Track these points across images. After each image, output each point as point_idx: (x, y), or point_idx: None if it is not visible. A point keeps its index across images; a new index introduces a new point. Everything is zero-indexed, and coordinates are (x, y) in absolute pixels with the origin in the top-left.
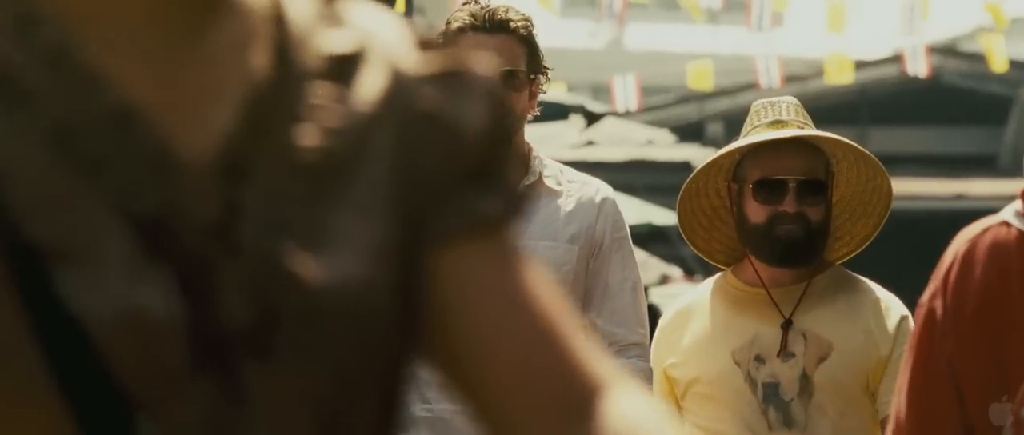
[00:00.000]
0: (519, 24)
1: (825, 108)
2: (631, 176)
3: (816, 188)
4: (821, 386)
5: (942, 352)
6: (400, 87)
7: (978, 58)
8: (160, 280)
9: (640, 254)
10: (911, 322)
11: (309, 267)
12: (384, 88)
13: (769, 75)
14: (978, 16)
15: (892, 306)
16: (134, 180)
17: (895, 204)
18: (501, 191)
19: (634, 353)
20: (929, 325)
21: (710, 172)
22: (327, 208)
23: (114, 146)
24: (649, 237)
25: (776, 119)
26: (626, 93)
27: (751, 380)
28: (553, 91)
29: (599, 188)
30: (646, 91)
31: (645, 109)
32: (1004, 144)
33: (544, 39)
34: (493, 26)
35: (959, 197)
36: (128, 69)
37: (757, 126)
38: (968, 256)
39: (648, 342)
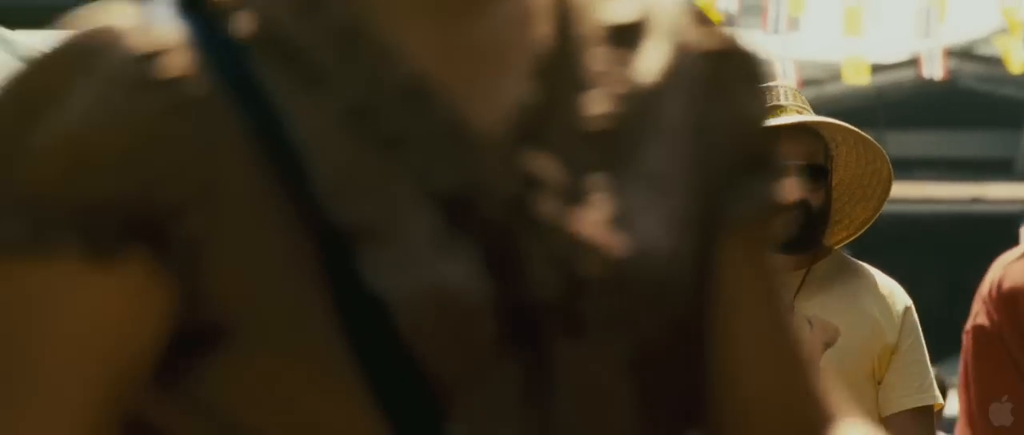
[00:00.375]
0: None
1: (842, 111)
2: None
3: (816, 173)
4: (825, 372)
5: (1006, 365)
6: (684, 60)
7: (995, 61)
8: (466, 256)
9: None
10: (914, 314)
11: (613, 237)
12: (668, 59)
13: (785, 78)
14: (995, 19)
15: (895, 293)
16: (433, 156)
17: (911, 207)
18: (777, 180)
19: None
20: (984, 344)
21: None
22: (624, 178)
23: (411, 122)
24: None
25: (774, 104)
26: None
27: None
28: None
29: None
30: None
31: None
32: (1021, 148)
33: None
34: None
35: (976, 201)
36: (417, 43)
37: None
38: (1007, 281)
39: None
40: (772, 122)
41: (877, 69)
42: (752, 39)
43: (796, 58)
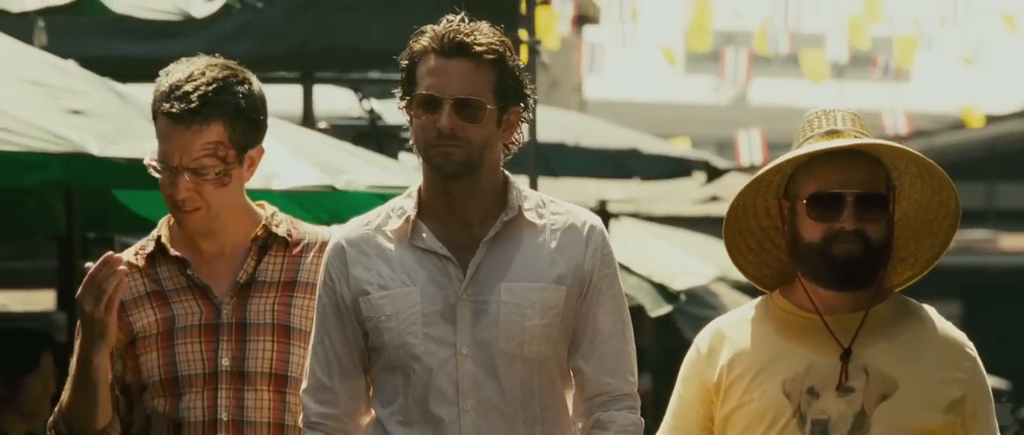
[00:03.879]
0: (484, 48)
1: (953, 162)
2: None
3: (876, 202)
4: (880, 427)
5: None
6: None
7: None
8: None
9: None
10: (980, 363)
11: None
12: None
13: (896, 129)
14: None
15: (960, 342)
16: None
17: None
18: None
19: (624, 405)
20: None
21: (760, 189)
22: None
23: None
24: None
25: (831, 129)
26: (751, 148)
27: (800, 415)
28: (677, 146)
29: (586, 219)
30: (771, 146)
31: None
32: None
33: (668, 95)
34: (452, 50)
35: None
36: None
37: (810, 137)
38: None
39: (637, 391)
40: (827, 146)
41: (990, 120)
42: (862, 91)
43: (906, 109)
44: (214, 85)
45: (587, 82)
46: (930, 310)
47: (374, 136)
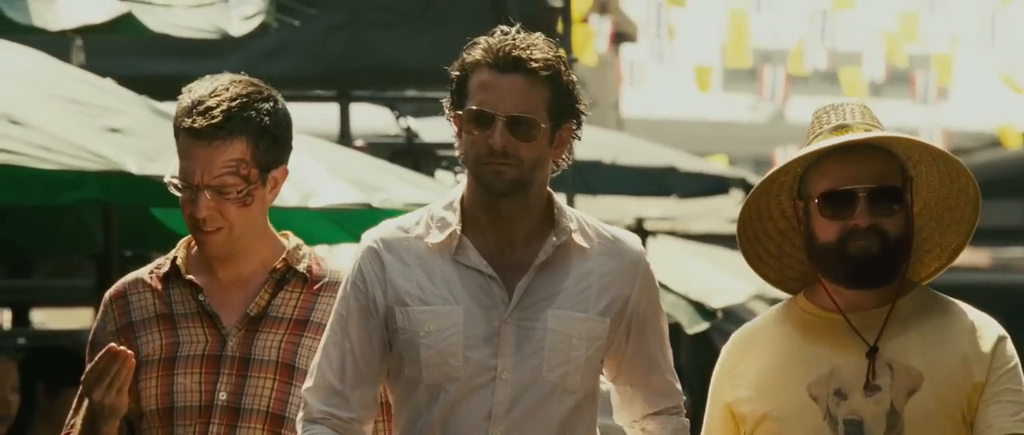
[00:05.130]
0: (539, 63)
1: (990, 180)
2: None
3: (891, 196)
4: (912, 422)
5: None
6: None
7: None
8: None
9: None
10: (1009, 344)
11: None
12: None
13: None
14: None
15: (988, 328)
16: None
17: None
18: None
19: (674, 412)
20: None
21: (771, 192)
22: None
23: None
24: None
25: (840, 124)
26: None
27: (831, 417)
28: (714, 164)
29: (633, 247)
30: None
31: None
32: None
33: (705, 113)
34: (507, 64)
35: None
36: None
37: (819, 134)
38: None
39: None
40: (837, 141)
41: None
42: (900, 109)
43: (945, 127)
44: (238, 101)
45: (624, 100)
46: (961, 304)
47: (411, 154)
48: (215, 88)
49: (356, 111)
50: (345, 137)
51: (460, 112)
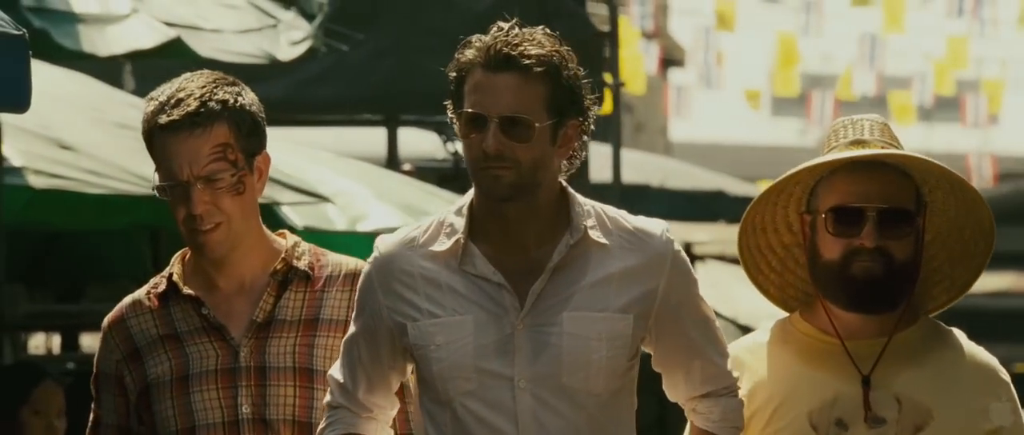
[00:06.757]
0: (533, 60)
1: None
2: None
3: (901, 218)
4: None
5: None
6: None
7: None
8: None
9: None
10: (1013, 390)
11: None
12: None
13: (981, 172)
14: None
15: (994, 368)
16: None
17: None
18: None
19: (724, 394)
20: None
21: (779, 202)
22: None
23: None
24: None
25: (857, 138)
26: None
27: None
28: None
29: (659, 237)
30: None
31: None
32: None
33: (754, 137)
34: (499, 63)
35: None
36: None
37: (835, 147)
38: None
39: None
40: (850, 155)
41: None
42: (949, 133)
43: (993, 152)
44: (207, 88)
45: (672, 124)
46: (960, 334)
47: (458, 178)
48: (179, 84)
49: (404, 135)
50: (393, 161)
51: (458, 115)
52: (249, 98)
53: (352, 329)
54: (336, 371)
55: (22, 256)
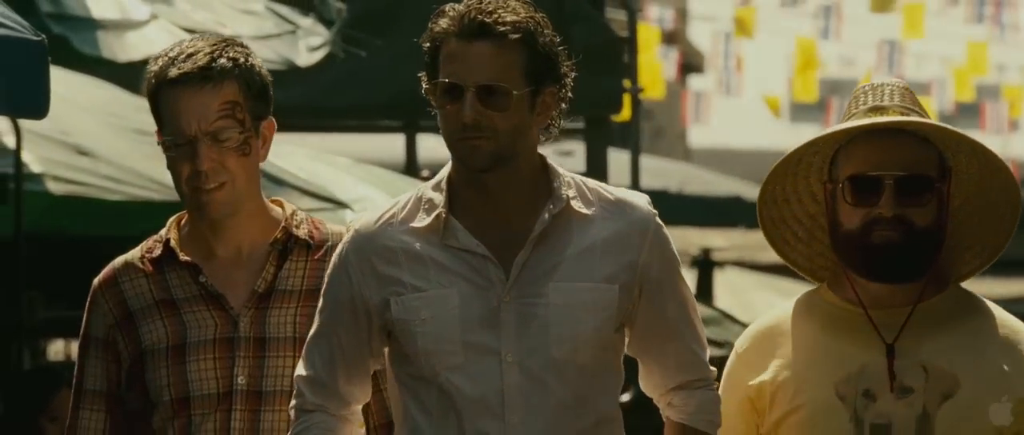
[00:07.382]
0: (508, 27)
1: None
2: None
3: (921, 185)
4: (944, 429)
5: None
6: None
7: None
8: None
9: None
10: None
11: None
12: None
13: None
14: None
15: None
16: None
17: None
18: None
19: (699, 386)
20: None
21: (799, 172)
22: None
23: None
24: None
25: (876, 105)
26: None
27: (857, 420)
28: None
29: (639, 208)
30: None
31: None
32: None
33: (774, 143)
34: (473, 31)
35: None
36: None
37: (854, 114)
38: None
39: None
40: (866, 122)
41: None
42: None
43: (1014, 158)
44: (217, 45)
45: (691, 130)
46: (992, 305)
47: None
48: (186, 42)
49: (423, 141)
50: (412, 167)
51: (433, 86)
52: (259, 62)
53: (323, 318)
54: (304, 370)
55: (40, 262)
